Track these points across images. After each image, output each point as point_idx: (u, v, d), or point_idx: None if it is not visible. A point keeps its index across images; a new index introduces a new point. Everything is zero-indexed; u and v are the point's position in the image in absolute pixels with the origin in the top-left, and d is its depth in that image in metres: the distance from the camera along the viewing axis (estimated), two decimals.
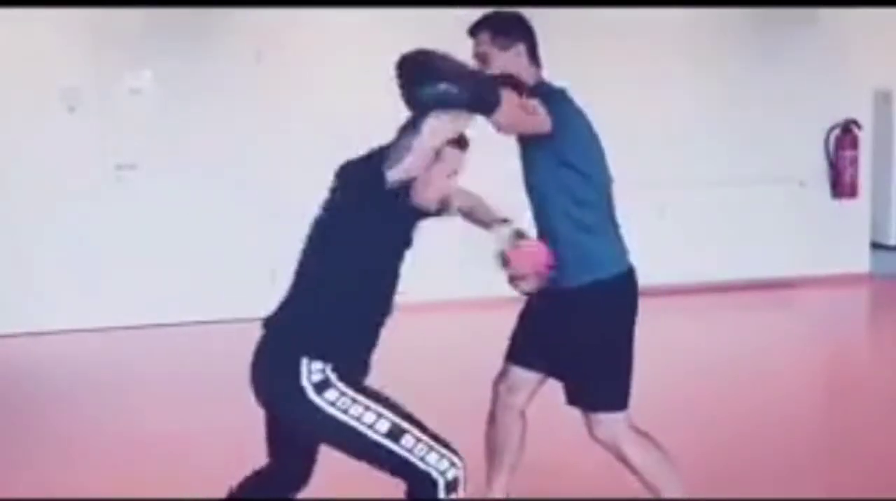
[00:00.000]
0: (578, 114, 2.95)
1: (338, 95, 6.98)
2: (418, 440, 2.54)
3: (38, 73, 6.62)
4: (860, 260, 8.03)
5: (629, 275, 2.97)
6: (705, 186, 7.56)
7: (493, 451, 3.19)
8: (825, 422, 4.65)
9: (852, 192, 7.90)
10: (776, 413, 4.61)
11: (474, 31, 3.03)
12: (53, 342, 6.47)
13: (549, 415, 3.25)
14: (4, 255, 6.67)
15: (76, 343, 6.46)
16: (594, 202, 2.95)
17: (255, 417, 4.88)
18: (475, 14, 3.09)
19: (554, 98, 2.88)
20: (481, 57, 2.99)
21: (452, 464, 2.53)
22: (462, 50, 2.97)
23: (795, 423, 4.46)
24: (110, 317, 6.72)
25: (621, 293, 2.95)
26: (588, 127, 2.96)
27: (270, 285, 6.90)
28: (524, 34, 3.03)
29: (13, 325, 6.57)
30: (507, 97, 2.64)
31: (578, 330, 2.92)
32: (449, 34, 7.51)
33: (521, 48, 2.99)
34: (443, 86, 2.50)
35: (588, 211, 2.93)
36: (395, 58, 2.70)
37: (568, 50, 7.28)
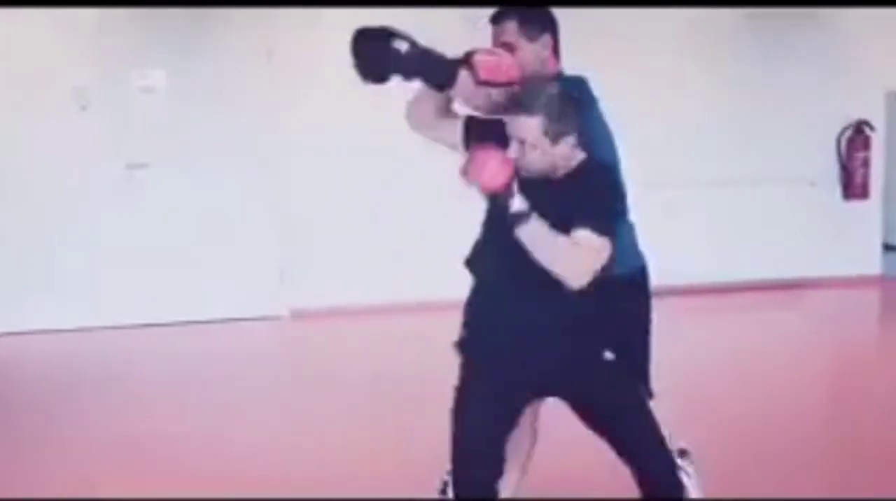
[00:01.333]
0: (597, 101, 2.93)
1: (349, 94, 6.96)
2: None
3: (50, 73, 6.63)
4: (871, 262, 8.00)
5: (646, 268, 2.99)
6: (715, 186, 7.54)
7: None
8: (835, 423, 4.62)
9: (864, 194, 7.86)
10: (786, 413, 4.59)
11: (499, 19, 2.96)
12: (64, 339, 6.47)
13: (558, 414, 3.24)
14: (15, 254, 6.69)
15: (86, 340, 6.48)
16: (624, 192, 2.95)
17: (264, 416, 4.89)
18: (485, 14, 3.06)
19: (576, 89, 2.83)
20: (507, 47, 2.92)
21: (444, 491, 2.60)
22: (476, 45, 2.95)
23: (805, 424, 4.44)
24: (120, 316, 6.73)
25: (643, 284, 2.98)
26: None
27: (279, 284, 7.02)
28: (551, 26, 3.00)
29: (23, 323, 6.59)
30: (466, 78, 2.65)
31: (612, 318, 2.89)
32: (461, 33, 7.49)
33: (547, 40, 2.96)
34: (396, 44, 2.70)
35: (622, 200, 2.93)
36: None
37: (576, 50, 7.29)
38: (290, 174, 6.97)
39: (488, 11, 3.04)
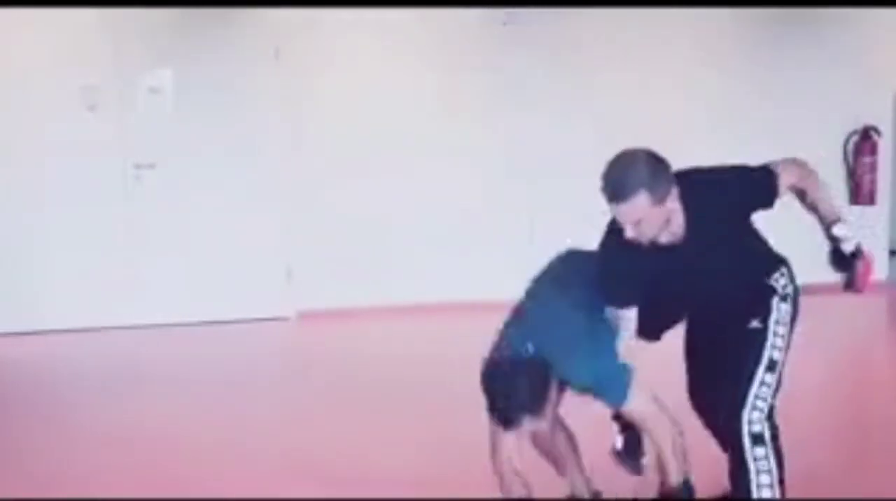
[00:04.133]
0: None
1: (356, 94, 7.01)
2: None
3: (58, 72, 6.66)
4: (878, 268, 7.96)
5: None
6: None
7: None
8: (841, 430, 4.62)
9: (871, 199, 7.84)
10: (792, 419, 4.57)
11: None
12: (68, 340, 6.50)
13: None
14: (22, 254, 6.71)
15: (91, 341, 6.50)
16: None
17: (270, 416, 4.90)
18: (487, 13, 3.06)
19: None
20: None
21: None
22: (478, 44, 2.96)
23: (811, 430, 4.43)
24: (126, 316, 6.76)
25: None
26: None
27: (286, 284, 7.03)
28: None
29: (29, 323, 6.61)
30: None
31: None
32: (465, 34, 7.48)
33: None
34: None
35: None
36: (412, 57, 2.72)
37: (579, 50, 7.32)
38: (297, 174, 6.99)
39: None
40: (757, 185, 2.86)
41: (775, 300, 2.87)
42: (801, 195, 2.92)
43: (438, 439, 4.20)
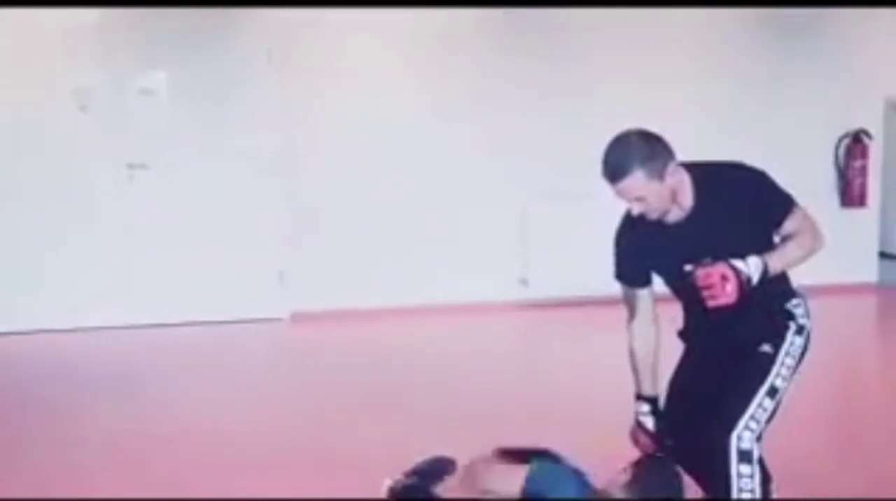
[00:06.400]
0: None
1: (349, 95, 7.02)
2: None
3: (51, 73, 6.66)
4: (868, 270, 8.03)
5: None
6: None
7: None
8: (831, 432, 4.65)
9: (861, 202, 7.89)
10: (782, 423, 4.60)
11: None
12: (61, 340, 6.49)
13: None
14: (16, 254, 6.71)
15: (83, 341, 6.48)
16: None
17: (263, 417, 4.90)
18: (487, 14, 3.07)
19: None
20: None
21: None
22: (477, 45, 2.97)
23: (801, 433, 4.46)
24: (119, 316, 6.75)
25: None
26: None
27: (279, 286, 7.04)
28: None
29: (23, 323, 6.61)
30: None
31: None
32: (464, 35, 7.48)
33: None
34: None
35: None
36: (410, 58, 2.72)
37: (577, 52, 7.35)
38: (291, 176, 6.99)
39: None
40: (776, 200, 2.92)
41: (791, 330, 2.89)
42: (783, 240, 2.91)
43: (432, 439, 4.21)
